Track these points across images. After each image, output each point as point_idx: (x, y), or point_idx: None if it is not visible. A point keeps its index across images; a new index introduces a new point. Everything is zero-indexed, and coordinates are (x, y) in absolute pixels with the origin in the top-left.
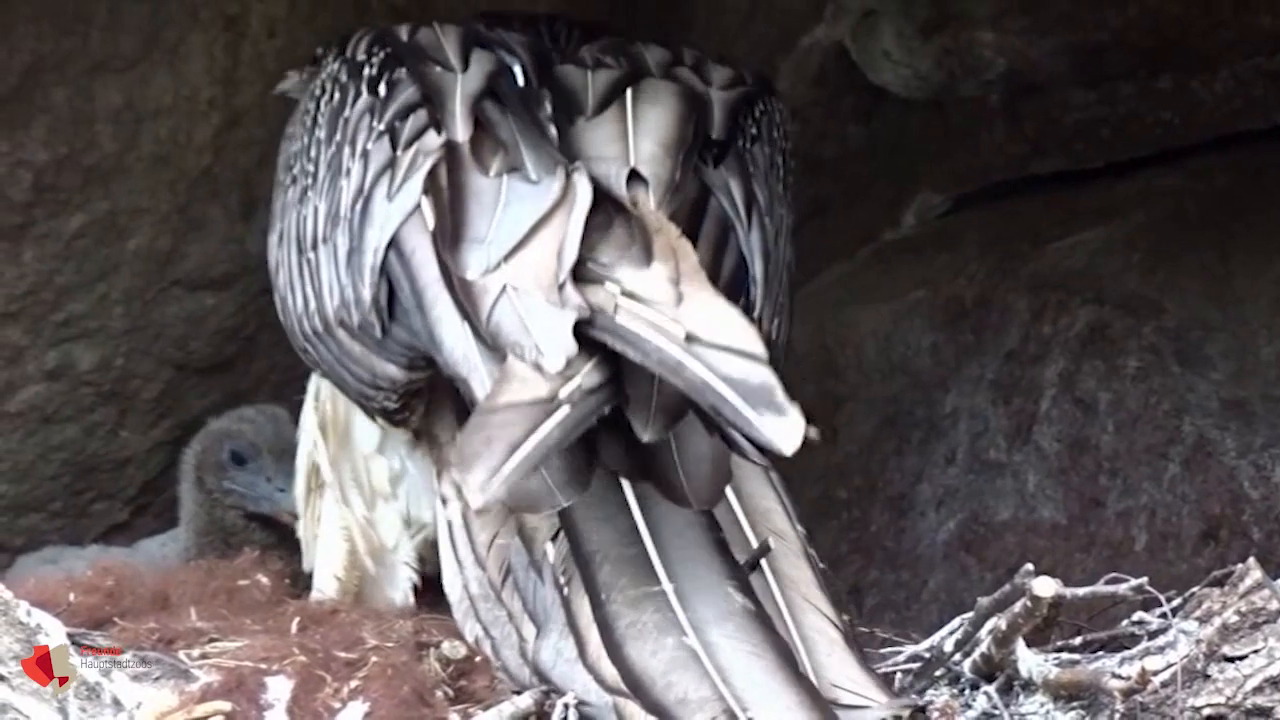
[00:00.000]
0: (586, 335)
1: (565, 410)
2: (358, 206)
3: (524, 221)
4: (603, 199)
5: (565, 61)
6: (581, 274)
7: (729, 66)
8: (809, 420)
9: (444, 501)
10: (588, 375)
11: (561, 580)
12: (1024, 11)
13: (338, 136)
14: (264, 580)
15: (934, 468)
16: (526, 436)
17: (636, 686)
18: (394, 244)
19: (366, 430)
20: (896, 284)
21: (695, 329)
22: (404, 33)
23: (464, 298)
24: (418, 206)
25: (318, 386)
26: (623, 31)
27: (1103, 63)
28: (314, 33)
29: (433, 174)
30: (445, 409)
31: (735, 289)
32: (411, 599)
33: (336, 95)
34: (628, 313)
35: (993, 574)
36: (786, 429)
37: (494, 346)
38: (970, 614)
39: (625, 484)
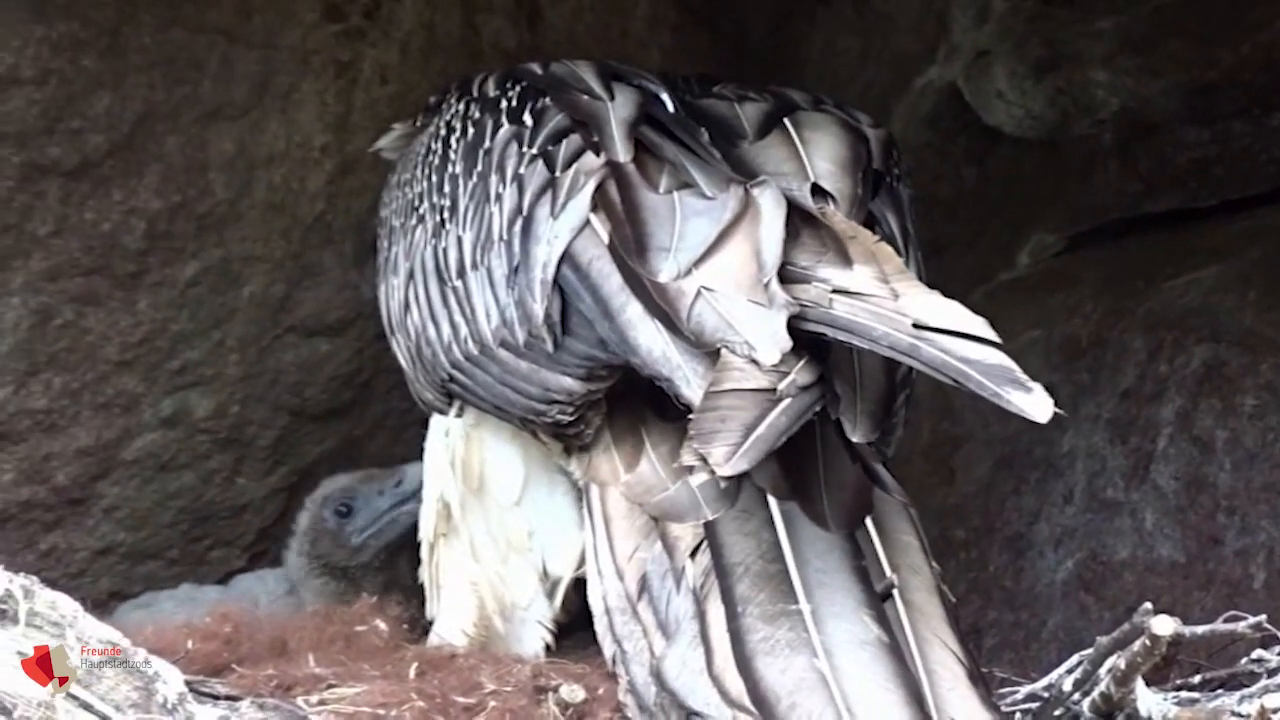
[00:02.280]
0: (797, 332)
1: (786, 401)
2: (515, 228)
3: (708, 232)
4: (789, 211)
5: (702, 98)
6: (783, 275)
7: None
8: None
9: (590, 514)
10: (800, 372)
11: (699, 591)
12: (1136, 51)
13: (478, 168)
14: (382, 625)
15: (1052, 507)
16: (759, 420)
17: (761, 703)
18: (567, 258)
19: (505, 481)
20: (1012, 324)
21: (920, 317)
22: (537, 69)
23: (660, 300)
24: (587, 222)
25: (446, 429)
26: (740, 80)
27: (1215, 101)
28: (426, 79)
29: (600, 190)
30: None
31: None
32: (543, 658)
33: (471, 131)
34: (846, 304)
35: (1111, 613)
36: (1037, 402)
37: (697, 344)
38: (1089, 653)
39: (772, 502)
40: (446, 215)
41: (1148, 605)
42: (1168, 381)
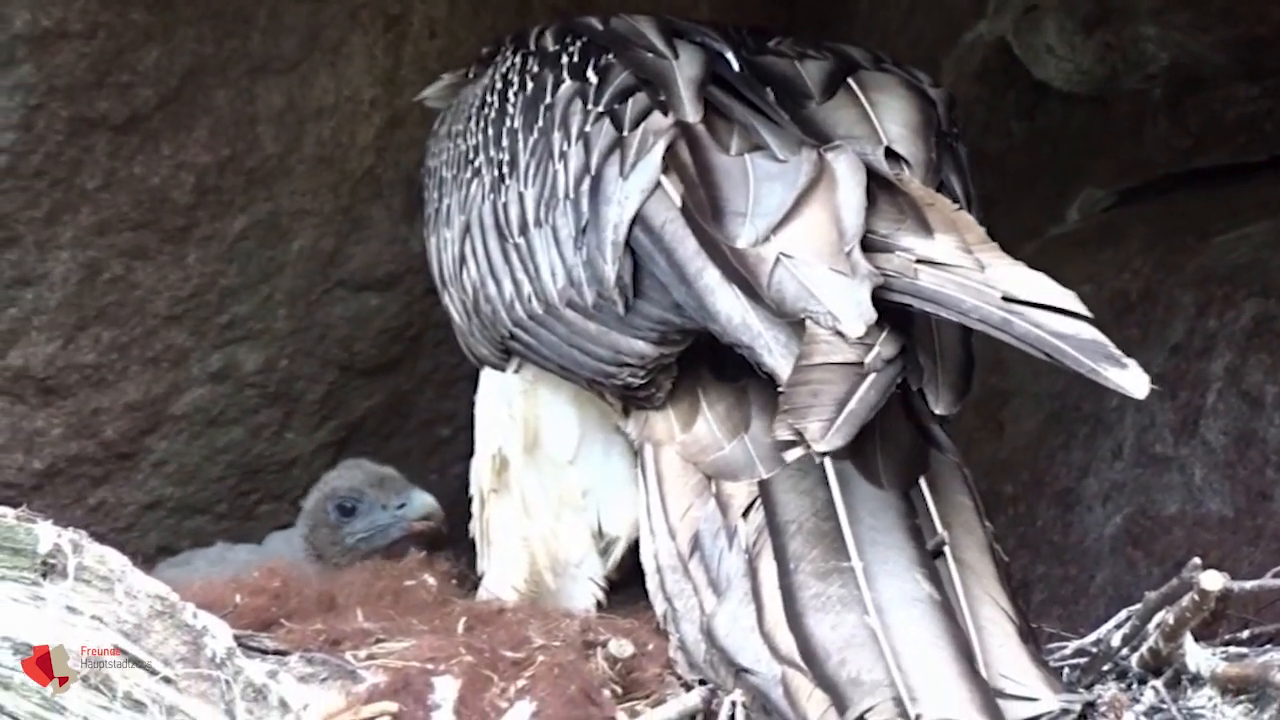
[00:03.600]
0: (881, 301)
1: (874, 375)
2: (583, 187)
3: (784, 197)
4: (866, 176)
5: (760, 54)
6: (863, 243)
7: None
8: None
9: (644, 473)
10: (885, 345)
11: (751, 549)
12: (1186, 6)
13: (539, 124)
14: (430, 580)
15: (1100, 462)
16: (849, 394)
17: (811, 658)
18: (639, 220)
19: (560, 439)
20: (1061, 279)
21: (1009, 290)
22: (596, 23)
23: (738, 266)
24: (658, 184)
25: (501, 385)
26: (790, 33)
27: (1265, 56)
28: (475, 33)
29: (671, 151)
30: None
31: None
32: (594, 615)
33: (530, 85)
34: (932, 275)
35: (1160, 568)
36: (1133, 378)
37: (778, 313)
38: (1138, 608)
39: (826, 460)
40: (506, 170)
41: (1196, 560)
42: (1217, 336)
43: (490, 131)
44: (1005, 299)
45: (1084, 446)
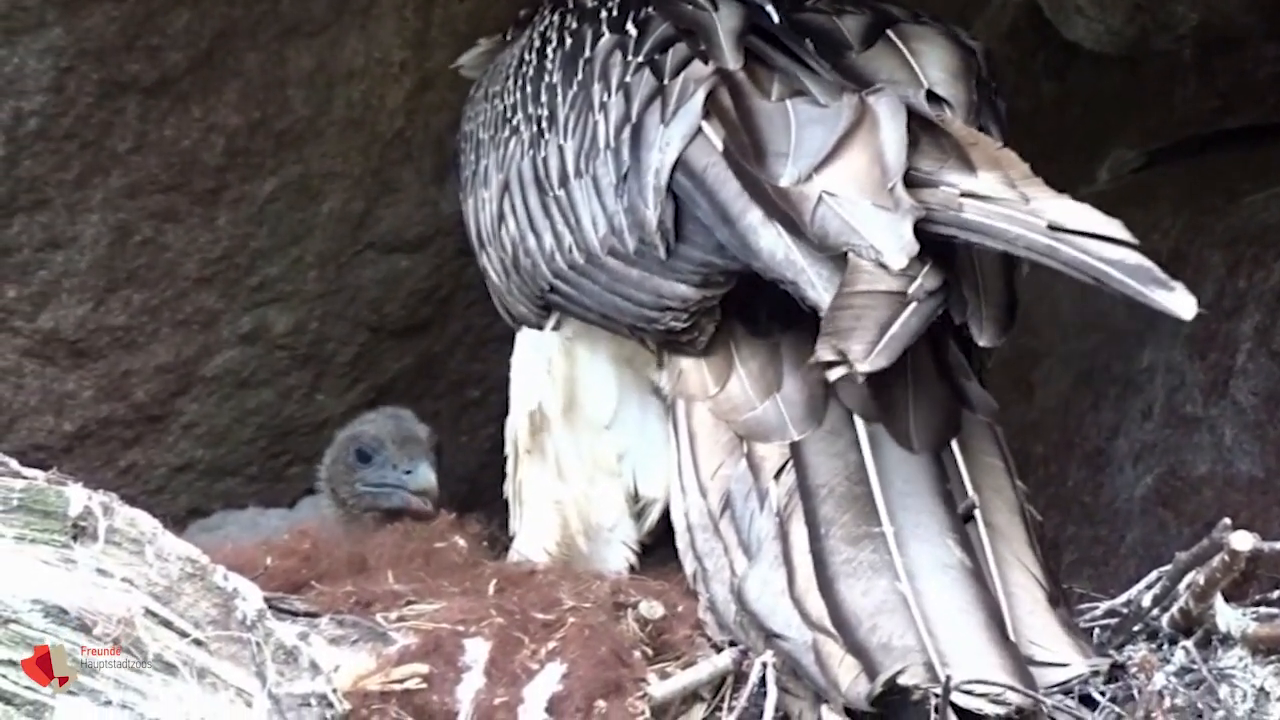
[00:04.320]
0: (924, 234)
1: (916, 304)
2: (624, 135)
3: (825, 139)
4: (908, 117)
5: (798, 11)
6: (907, 180)
7: None
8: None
9: (676, 430)
10: (928, 276)
11: (783, 511)
12: None
13: (579, 77)
14: (461, 542)
15: (1130, 423)
16: (892, 319)
17: (842, 624)
18: (680, 165)
19: (598, 401)
20: None
21: (1055, 219)
22: None
23: (781, 204)
24: (699, 129)
25: (538, 345)
26: None
27: None
28: None
29: (712, 98)
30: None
31: None
32: (626, 578)
33: (569, 41)
34: (976, 207)
35: (1190, 529)
36: (1180, 300)
37: (821, 248)
38: (1168, 569)
39: (859, 422)
40: (545, 125)
41: (1226, 521)
42: (1246, 297)
43: (529, 89)
44: (1051, 227)
45: (1114, 407)
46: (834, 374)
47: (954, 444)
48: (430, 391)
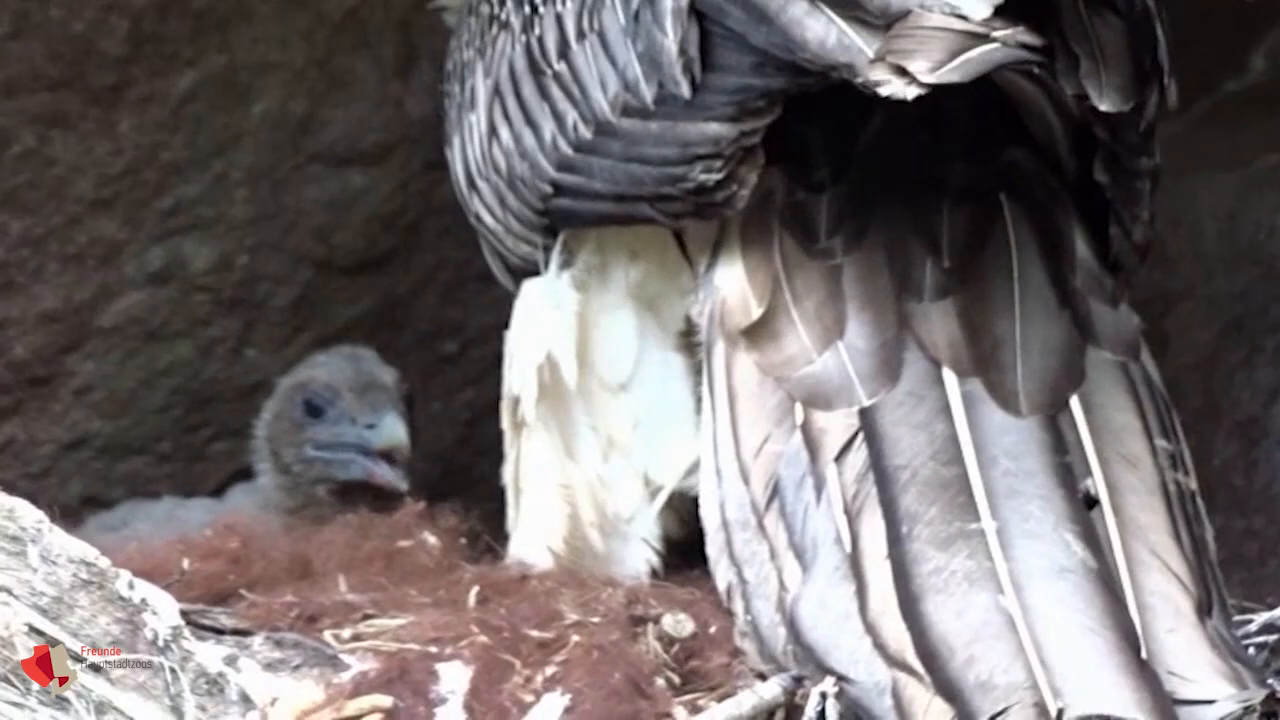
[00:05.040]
0: None
1: (999, 46)
2: None
3: None
4: None
5: None
6: None
7: None
8: None
9: (711, 386)
10: (1021, 33)
11: (850, 503)
12: None
13: None
14: (432, 540)
15: None
16: (968, 48)
17: (929, 657)
18: None
19: (614, 356)
20: (1243, 147)
21: None
22: None
23: None
24: None
25: (548, 289)
26: None
27: None
28: None
29: None
30: (734, 251)
31: None
32: (646, 584)
33: None
34: None
35: None
36: None
37: (884, 15)
38: None
39: (949, 378)
40: (539, 2)
41: None
42: None
43: None
44: None
45: (1273, 363)
46: (887, 88)
47: (1074, 400)
48: (393, 345)
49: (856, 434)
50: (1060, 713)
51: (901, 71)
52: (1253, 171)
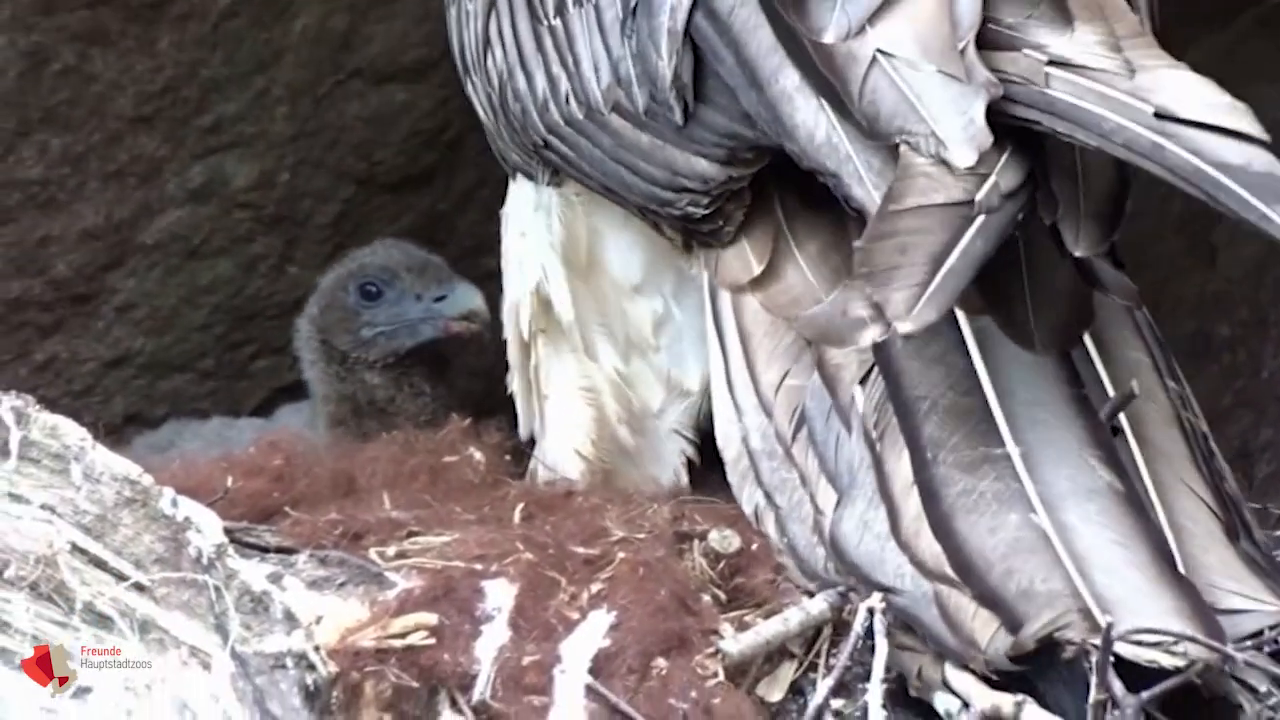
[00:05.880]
0: (1000, 117)
1: (984, 218)
2: None
3: None
4: None
5: None
6: (984, 39)
7: None
8: None
9: (720, 329)
10: (1004, 173)
11: (873, 432)
12: None
13: None
14: (477, 456)
15: None
16: (949, 245)
17: (966, 570)
18: (700, 3)
19: (625, 258)
20: (1262, 80)
21: (1164, 103)
22: None
23: (823, 68)
24: None
25: (538, 197)
26: None
27: None
28: None
29: None
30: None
31: None
32: (685, 479)
33: None
34: (1066, 83)
35: None
36: None
37: (870, 133)
38: None
39: (960, 316)
40: None
41: None
42: None
43: None
44: (1158, 115)
45: None
46: (866, 337)
47: (1086, 338)
48: None
49: (873, 366)
50: (1110, 627)
51: (878, 309)
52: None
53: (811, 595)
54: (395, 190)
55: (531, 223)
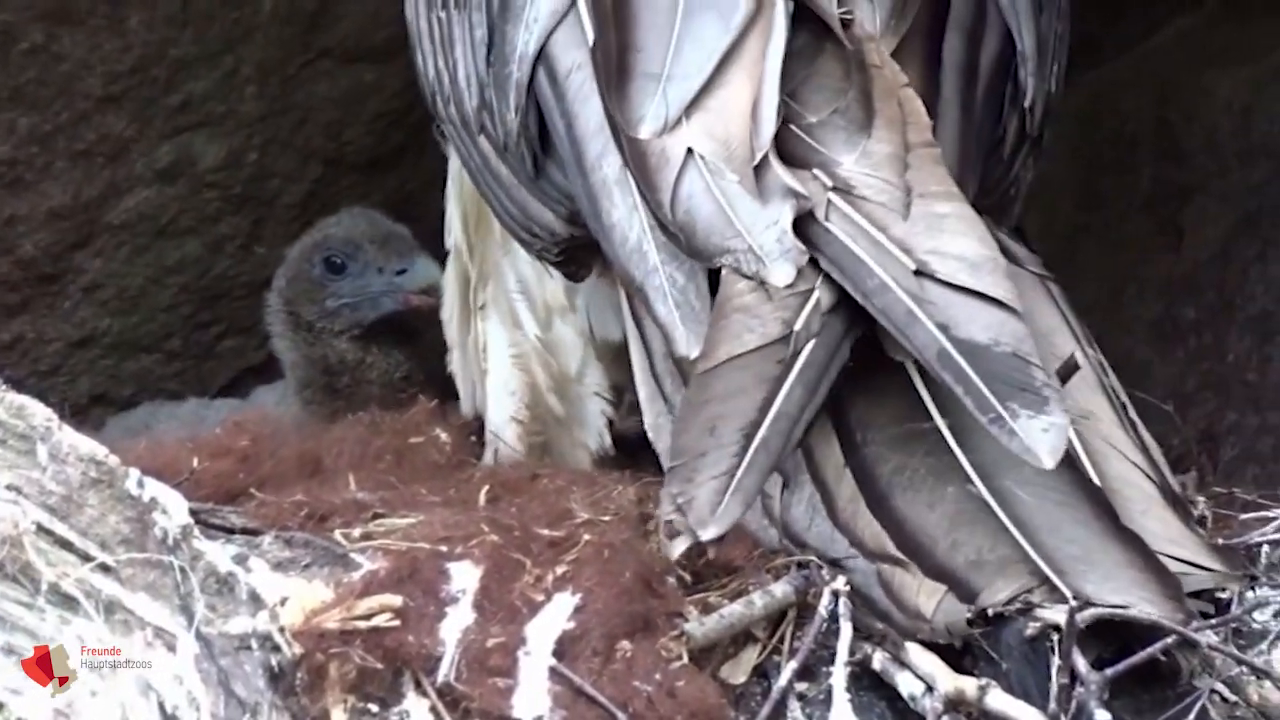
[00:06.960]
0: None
1: (807, 352)
2: None
3: (712, 45)
4: (806, 16)
5: None
6: (783, 146)
7: None
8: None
9: (635, 314)
10: (823, 288)
11: None
12: None
13: None
14: (443, 437)
15: None
16: (762, 411)
17: (913, 549)
18: (542, 58)
19: None
20: (1258, 40)
21: (928, 255)
22: None
23: (636, 167)
24: (573, 4)
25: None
26: None
27: None
28: None
29: None
30: None
31: (999, 78)
32: (608, 440)
33: None
34: (843, 220)
35: None
36: (1043, 433)
37: (687, 250)
38: None
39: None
40: None
41: None
42: None
43: None
44: (918, 273)
45: None
46: (677, 549)
47: None
48: None
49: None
50: (1073, 610)
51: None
52: (1267, 65)
53: (777, 577)
54: (364, 170)
55: (452, 191)
